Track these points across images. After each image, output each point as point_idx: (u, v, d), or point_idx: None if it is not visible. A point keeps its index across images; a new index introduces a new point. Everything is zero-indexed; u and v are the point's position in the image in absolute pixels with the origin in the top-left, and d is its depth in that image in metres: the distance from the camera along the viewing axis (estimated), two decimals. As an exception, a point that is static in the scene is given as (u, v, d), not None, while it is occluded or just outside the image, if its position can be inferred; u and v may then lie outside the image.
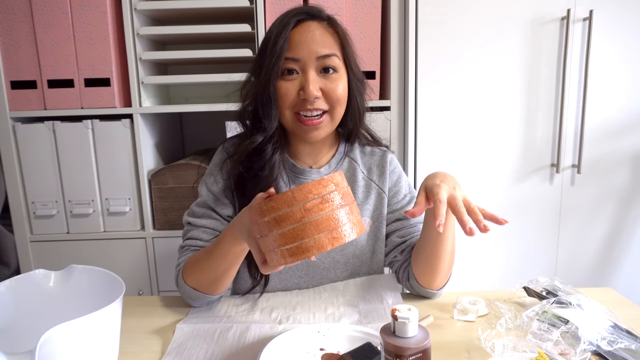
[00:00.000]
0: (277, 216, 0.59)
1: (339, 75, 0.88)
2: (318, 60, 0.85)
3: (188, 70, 1.81)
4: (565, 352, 0.68)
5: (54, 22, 1.43)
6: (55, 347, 0.58)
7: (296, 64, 0.86)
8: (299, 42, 0.85)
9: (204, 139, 1.95)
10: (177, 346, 0.75)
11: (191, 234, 0.93)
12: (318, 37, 0.86)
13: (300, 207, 0.58)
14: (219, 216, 0.94)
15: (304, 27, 0.86)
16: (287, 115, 0.88)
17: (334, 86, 0.86)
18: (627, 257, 1.60)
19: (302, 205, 0.58)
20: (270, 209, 0.59)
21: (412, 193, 1.02)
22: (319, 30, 0.86)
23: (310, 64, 0.85)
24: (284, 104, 0.87)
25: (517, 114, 1.50)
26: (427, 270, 0.88)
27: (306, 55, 0.85)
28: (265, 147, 0.89)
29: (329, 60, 0.86)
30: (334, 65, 0.87)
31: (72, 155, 1.50)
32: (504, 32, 1.45)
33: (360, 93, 0.94)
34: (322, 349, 0.72)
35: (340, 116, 0.91)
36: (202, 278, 0.84)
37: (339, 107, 0.89)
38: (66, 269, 0.77)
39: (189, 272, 0.86)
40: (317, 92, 0.85)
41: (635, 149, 1.53)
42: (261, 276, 0.92)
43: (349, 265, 0.97)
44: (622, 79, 1.48)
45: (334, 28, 0.89)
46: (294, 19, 0.86)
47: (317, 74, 0.86)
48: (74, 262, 0.80)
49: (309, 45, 0.85)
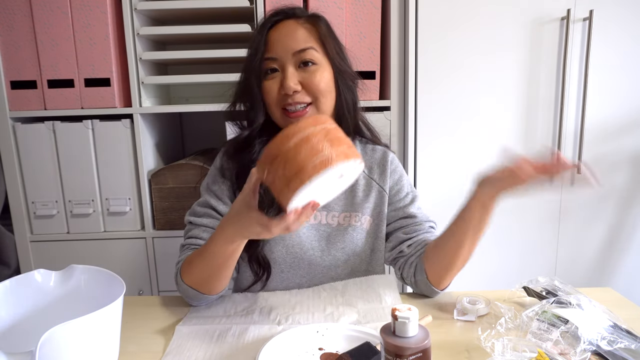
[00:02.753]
0: (306, 136, 0.62)
1: (318, 67, 0.89)
2: (295, 55, 0.88)
3: (188, 70, 1.82)
4: (565, 352, 0.68)
5: (54, 22, 1.43)
6: (55, 347, 0.58)
7: (275, 63, 0.89)
8: (275, 41, 0.89)
9: (204, 139, 1.95)
10: (176, 347, 0.75)
11: (192, 232, 0.94)
12: (293, 33, 0.89)
13: (322, 128, 0.63)
14: (220, 215, 0.94)
15: (281, 27, 0.90)
16: (275, 112, 0.91)
17: (314, 78, 0.88)
18: (627, 257, 1.60)
19: (323, 127, 0.63)
20: (297, 130, 0.62)
21: (413, 192, 1.03)
22: (295, 27, 0.89)
23: (287, 60, 0.88)
24: (271, 102, 0.90)
25: (517, 114, 1.50)
26: (442, 267, 0.88)
27: (282, 53, 0.88)
28: (253, 141, 0.93)
29: (306, 53, 0.88)
30: (312, 57, 0.89)
31: (72, 155, 1.50)
32: (504, 32, 1.45)
33: (349, 87, 0.95)
34: (321, 349, 0.72)
35: (327, 108, 0.92)
36: (197, 276, 0.84)
37: (322, 98, 0.90)
38: (66, 269, 0.77)
39: (185, 270, 0.86)
40: (295, 86, 0.87)
41: (635, 149, 1.53)
42: (263, 271, 0.94)
43: (349, 263, 0.98)
44: (622, 78, 1.48)
45: (312, 24, 0.91)
46: (272, 20, 0.91)
47: (296, 69, 0.89)
48: (74, 262, 0.80)
49: (284, 43, 0.88)
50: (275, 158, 0.63)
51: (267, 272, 0.94)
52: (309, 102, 0.90)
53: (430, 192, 1.52)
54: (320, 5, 1.45)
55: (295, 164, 0.61)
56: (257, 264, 0.93)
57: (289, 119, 0.90)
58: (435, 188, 1.52)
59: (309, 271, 0.97)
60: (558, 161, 0.72)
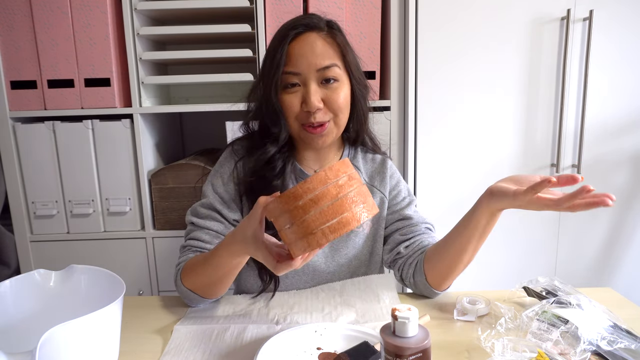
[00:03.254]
0: (314, 196, 0.61)
1: (340, 84, 0.89)
2: (318, 72, 0.87)
3: (188, 70, 1.82)
4: (565, 352, 0.68)
5: (54, 22, 1.43)
6: (55, 347, 0.58)
7: (297, 78, 0.87)
8: (298, 55, 0.86)
9: (204, 139, 1.95)
10: (174, 347, 0.75)
11: (194, 234, 0.93)
12: (317, 49, 0.87)
13: (334, 185, 0.61)
14: (224, 219, 0.94)
15: (303, 40, 0.87)
16: (293, 125, 0.90)
17: (336, 96, 0.88)
18: (627, 257, 1.60)
19: (335, 183, 0.61)
20: (306, 190, 0.61)
21: (411, 196, 1.04)
22: (318, 41, 0.87)
23: (311, 76, 0.87)
24: (290, 116, 0.89)
25: (517, 114, 1.50)
26: (442, 271, 0.88)
27: (306, 69, 0.86)
28: (275, 156, 0.92)
29: (330, 71, 0.87)
30: (335, 75, 0.88)
31: (72, 155, 1.50)
32: (504, 32, 1.45)
33: (364, 97, 0.96)
34: (319, 348, 0.72)
35: (344, 123, 0.92)
36: (198, 282, 0.85)
37: (342, 115, 0.90)
38: (66, 269, 0.77)
39: (186, 275, 0.86)
40: (318, 103, 0.86)
41: (635, 149, 1.53)
42: (270, 279, 0.93)
43: (351, 267, 0.99)
44: (622, 78, 1.48)
45: (333, 37, 0.89)
46: (293, 32, 0.87)
47: (319, 85, 0.88)
48: (74, 262, 0.80)
49: (308, 59, 0.86)
50: (284, 212, 0.62)
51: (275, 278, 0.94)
52: (329, 120, 0.90)
53: (430, 192, 1.52)
54: (320, 5, 1.45)
55: (305, 227, 0.61)
56: (267, 272, 0.93)
57: (308, 133, 0.89)
58: (435, 188, 1.52)
59: (313, 277, 0.98)
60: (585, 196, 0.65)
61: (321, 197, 0.61)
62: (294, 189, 0.62)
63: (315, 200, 0.61)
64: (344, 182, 0.62)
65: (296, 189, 0.61)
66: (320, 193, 0.61)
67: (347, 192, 0.62)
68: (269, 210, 0.66)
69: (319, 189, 0.61)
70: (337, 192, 0.61)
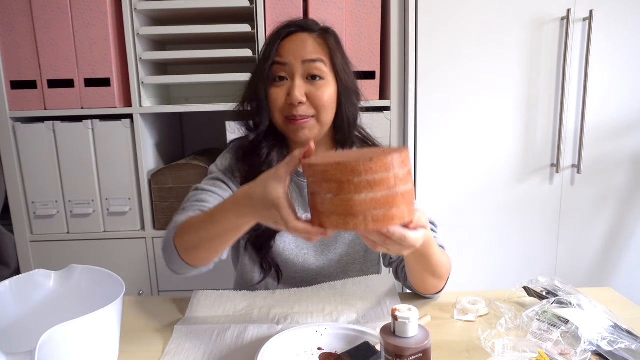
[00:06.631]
0: (373, 179, 0.56)
1: (325, 82, 0.91)
2: (304, 64, 0.89)
3: (188, 70, 1.82)
4: (566, 352, 0.68)
5: (54, 22, 1.43)
6: (55, 347, 0.58)
7: (284, 70, 0.90)
8: (288, 48, 0.91)
9: (204, 139, 1.95)
10: (175, 347, 0.75)
11: (199, 197, 0.92)
12: (307, 46, 0.90)
13: (394, 175, 0.57)
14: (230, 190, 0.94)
15: (294, 37, 0.92)
16: (278, 118, 0.93)
17: (320, 93, 0.90)
18: (627, 257, 1.60)
19: (396, 173, 0.57)
20: (368, 169, 0.56)
21: None
22: (309, 40, 0.91)
23: (297, 68, 0.89)
24: (275, 108, 0.91)
25: (517, 114, 1.50)
26: (419, 281, 0.88)
27: (293, 60, 0.89)
28: (261, 146, 0.94)
29: (315, 66, 0.89)
30: (321, 72, 0.90)
31: (72, 155, 1.50)
32: (504, 32, 1.45)
33: (353, 103, 0.96)
34: (320, 349, 0.72)
35: (328, 121, 0.93)
36: (190, 240, 0.79)
37: (325, 113, 0.91)
38: (66, 269, 0.77)
39: (181, 231, 0.81)
40: (301, 97, 0.88)
41: (635, 149, 1.53)
42: (270, 268, 0.95)
43: (342, 262, 1.00)
44: (622, 78, 1.48)
45: (324, 39, 0.93)
46: (286, 31, 0.92)
47: (304, 81, 0.90)
48: (74, 262, 0.80)
49: (295, 51, 0.90)
50: (332, 180, 0.57)
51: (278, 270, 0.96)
52: (312, 115, 0.91)
53: (430, 192, 1.52)
54: (320, 5, 1.45)
55: (349, 206, 0.56)
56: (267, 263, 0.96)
57: (291, 125, 0.91)
58: (435, 188, 1.52)
59: (303, 268, 0.99)
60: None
61: (379, 183, 0.56)
62: (356, 162, 0.56)
63: (372, 184, 0.56)
64: (403, 176, 0.58)
65: (358, 163, 0.56)
66: (380, 179, 0.56)
67: (404, 188, 0.58)
68: (312, 166, 0.59)
69: (380, 174, 0.56)
70: (394, 184, 0.57)
